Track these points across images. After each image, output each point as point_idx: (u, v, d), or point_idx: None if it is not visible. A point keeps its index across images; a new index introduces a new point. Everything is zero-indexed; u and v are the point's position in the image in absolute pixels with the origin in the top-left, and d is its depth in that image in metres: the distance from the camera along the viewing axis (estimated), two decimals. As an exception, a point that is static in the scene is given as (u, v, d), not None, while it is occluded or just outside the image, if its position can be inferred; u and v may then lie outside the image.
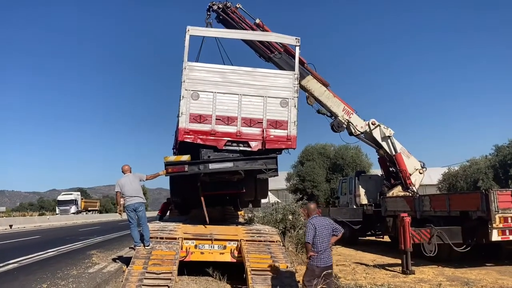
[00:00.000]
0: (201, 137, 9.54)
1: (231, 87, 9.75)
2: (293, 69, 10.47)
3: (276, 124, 9.80)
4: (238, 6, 15.17)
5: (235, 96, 9.73)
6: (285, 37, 11.07)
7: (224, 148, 9.64)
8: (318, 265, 6.64)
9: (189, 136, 9.50)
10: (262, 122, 9.76)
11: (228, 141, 9.65)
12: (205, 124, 9.56)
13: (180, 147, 9.95)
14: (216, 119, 9.60)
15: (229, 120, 9.64)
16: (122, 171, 10.11)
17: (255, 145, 9.70)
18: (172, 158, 9.78)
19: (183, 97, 9.56)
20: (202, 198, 10.24)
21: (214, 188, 10.78)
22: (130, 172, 10.07)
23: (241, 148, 9.75)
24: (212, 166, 9.50)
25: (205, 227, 10.13)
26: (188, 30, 9.74)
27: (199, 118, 9.55)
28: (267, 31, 15.09)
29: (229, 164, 9.55)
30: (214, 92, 9.65)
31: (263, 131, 9.72)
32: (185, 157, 9.50)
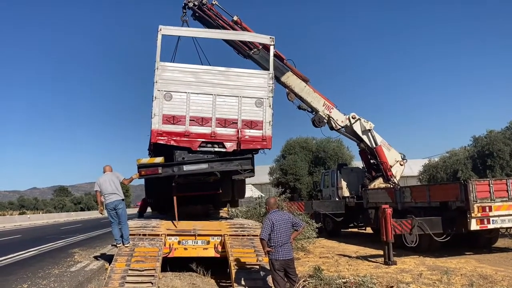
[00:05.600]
0: (174, 138, 9.39)
1: (204, 87, 9.62)
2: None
3: (251, 124, 9.73)
4: (214, 2, 15.01)
5: (209, 96, 9.61)
6: (259, 36, 11.01)
7: (198, 149, 9.53)
8: (277, 258, 6.71)
9: (162, 138, 9.35)
10: (237, 123, 9.67)
11: (203, 142, 9.55)
12: (179, 125, 9.42)
13: (155, 148, 9.83)
14: (190, 120, 9.47)
15: (203, 121, 9.52)
16: (103, 171, 10.04)
17: (230, 146, 9.63)
18: (145, 160, 9.59)
19: (155, 97, 9.38)
20: (174, 198, 10.10)
21: (190, 189, 10.66)
22: (111, 171, 10.00)
23: (216, 149, 9.67)
24: (186, 167, 9.40)
25: (188, 223, 10.07)
26: (160, 30, 9.56)
27: (172, 119, 9.40)
28: (245, 28, 15.04)
29: (204, 166, 9.46)
30: (188, 92, 9.52)
31: (238, 131, 9.64)
32: (159, 159, 9.35)
